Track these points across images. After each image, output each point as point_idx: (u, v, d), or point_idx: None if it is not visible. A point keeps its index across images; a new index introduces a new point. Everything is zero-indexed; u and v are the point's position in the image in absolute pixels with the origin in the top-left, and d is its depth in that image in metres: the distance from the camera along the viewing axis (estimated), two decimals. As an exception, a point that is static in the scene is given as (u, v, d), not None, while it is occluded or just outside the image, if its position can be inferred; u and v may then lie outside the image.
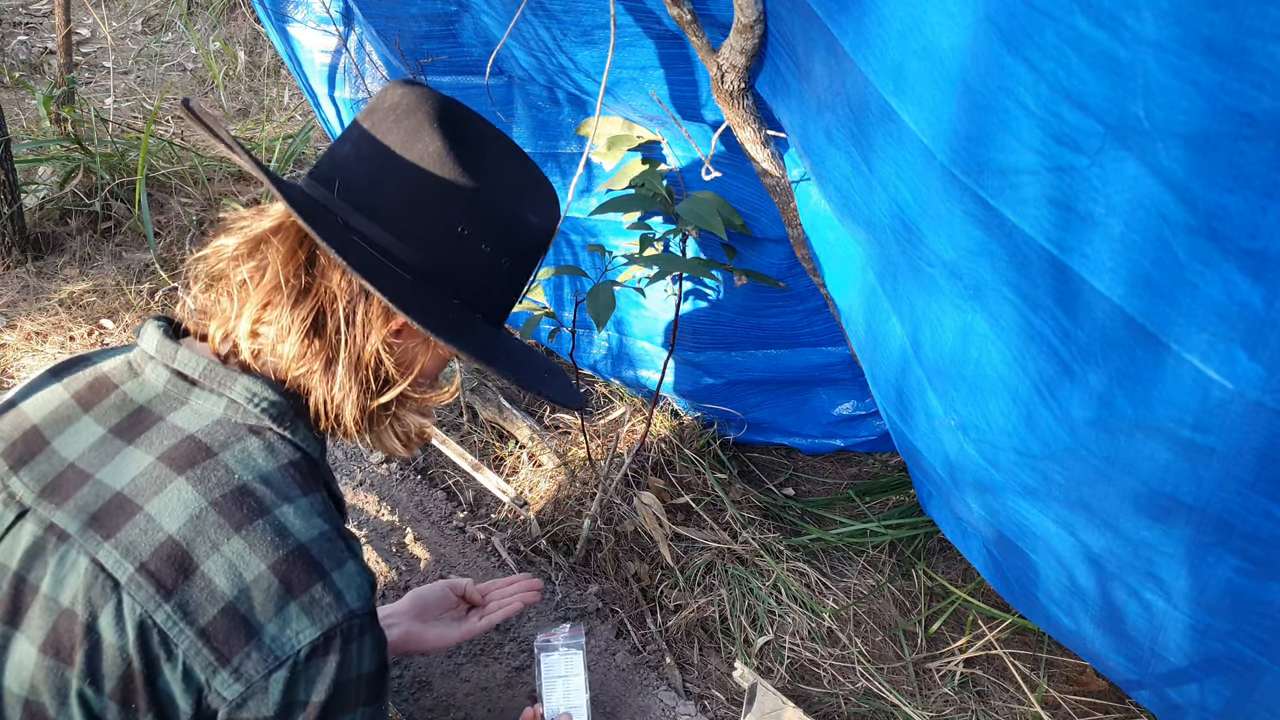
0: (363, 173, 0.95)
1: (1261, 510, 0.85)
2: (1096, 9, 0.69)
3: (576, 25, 1.47)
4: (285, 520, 0.86)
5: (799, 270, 1.72)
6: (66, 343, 2.33)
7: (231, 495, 0.86)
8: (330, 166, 0.97)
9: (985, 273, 0.97)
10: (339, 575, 0.87)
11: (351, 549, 0.91)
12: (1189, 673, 1.14)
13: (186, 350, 0.93)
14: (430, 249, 0.94)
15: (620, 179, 1.74)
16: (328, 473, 0.99)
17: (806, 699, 1.66)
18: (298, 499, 0.88)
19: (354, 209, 0.93)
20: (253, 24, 3.97)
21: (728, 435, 2.14)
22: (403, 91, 0.98)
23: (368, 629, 0.88)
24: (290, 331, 0.92)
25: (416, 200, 0.94)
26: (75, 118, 2.90)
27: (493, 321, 1.04)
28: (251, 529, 0.84)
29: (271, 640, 0.82)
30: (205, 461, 0.87)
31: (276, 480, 0.89)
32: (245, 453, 0.89)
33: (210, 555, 0.83)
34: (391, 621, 1.33)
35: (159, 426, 0.90)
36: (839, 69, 1.06)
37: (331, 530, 0.89)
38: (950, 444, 1.27)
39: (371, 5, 1.80)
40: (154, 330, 0.96)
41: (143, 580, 0.81)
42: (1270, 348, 0.73)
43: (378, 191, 0.94)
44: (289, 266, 0.93)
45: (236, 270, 0.94)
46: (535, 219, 1.02)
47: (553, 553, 1.86)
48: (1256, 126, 0.64)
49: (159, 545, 0.82)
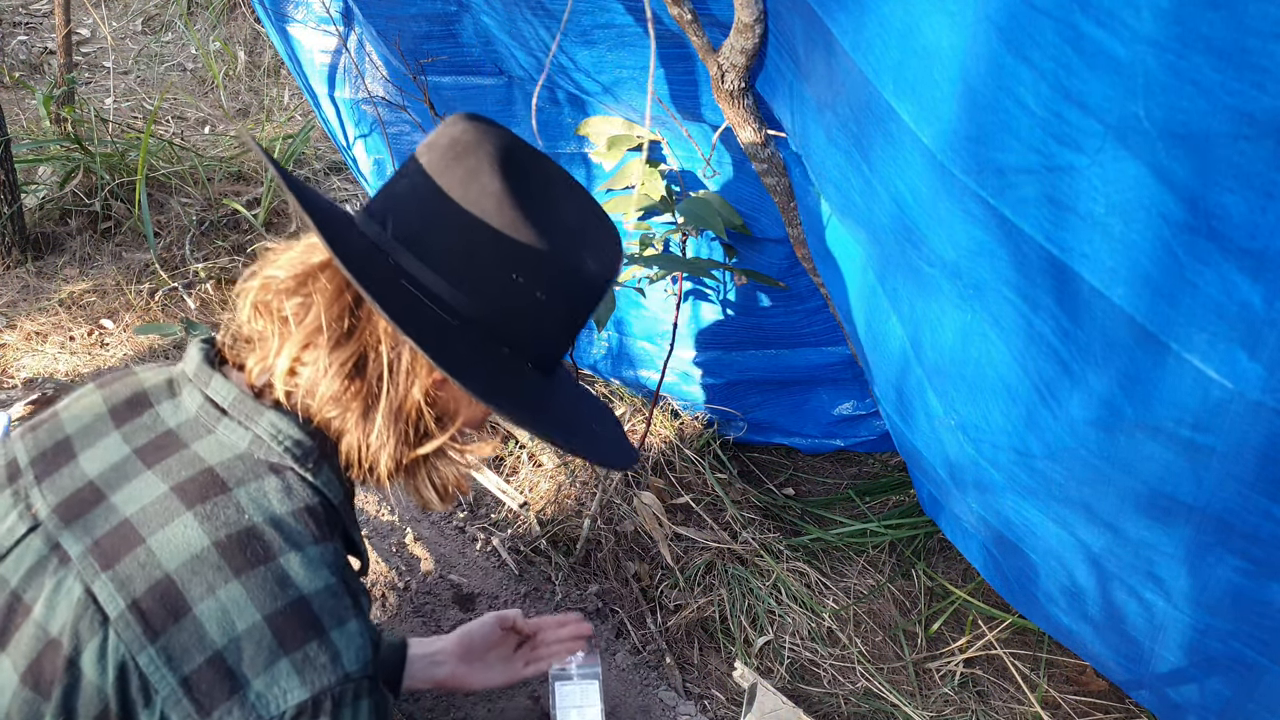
0: (417, 212, 0.91)
1: (1261, 510, 0.85)
2: (1096, 8, 0.69)
3: (576, 25, 1.47)
4: (289, 569, 0.82)
5: (799, 270, 1.72)
6: (66, 342, 2.33)
7: (237, 536, 0.82)
8: (385, 202, 0.93)
9: (985, 273, 0.97)
10: (338, 634, 0.82)
11: (358, 606, 0.86)
12: (1189, 673, 1.14)
13: (221, 378, 0.90)
14: (482, 295, 0.90)
15: (620, 179, 1.74)
16: (350, 519, 0.95)
17: (806, 699, 1.65)
18: (307, 546, 0.84)
19: (406, 249, 0.89)
20: (253, 24, 3.97)
21: (728, 435, 2.14)
22: (464, 127, 0.93)
23: (364, 694, 0.83)
24: (328, 374, 0.88)
25: (471, 244, 0.89)
26: (75, 118, 2.90)
27: (544, 368, 0.98)
28: (252, 575, 0.80)
29: (256, 697, 0.78)
30: (217, 497, 0.84)
31: (288, 525, 0.84)
32: (260, 492, 0.85)
33: (205, 599, 0.79)
34: (438, 660, 1.31)
35: (181, 454, 0.87)
36: (839, 69, 1.06)
37: (338, 584, 0.85)
38: (950, 444, 1.27)
39: (371, 5, 1.80)
40: (196, 352, 0.93)
41: (132, 619, 0.78)
42: (1270, 347, 0.73)
43: (431, 233, 0.90)
44: (334, 308, 0.89)
45: (283, 304, 0.90)
46: (594, 265, 0.96)
47: (553, 553, 1.86)
48: (1256, 126, 0.64)
49: (154, 583, 0.79)
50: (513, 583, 1.81)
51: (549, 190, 0.95)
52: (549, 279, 0.92)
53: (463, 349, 0.88)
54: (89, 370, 2.24)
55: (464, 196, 0.89)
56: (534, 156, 0.95)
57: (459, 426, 0.96)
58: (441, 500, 0.98)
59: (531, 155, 0.95)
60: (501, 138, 0.93)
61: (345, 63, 2.09)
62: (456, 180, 0.90)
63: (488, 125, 0.94)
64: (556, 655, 1.38)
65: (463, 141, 0.92)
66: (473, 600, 1.78)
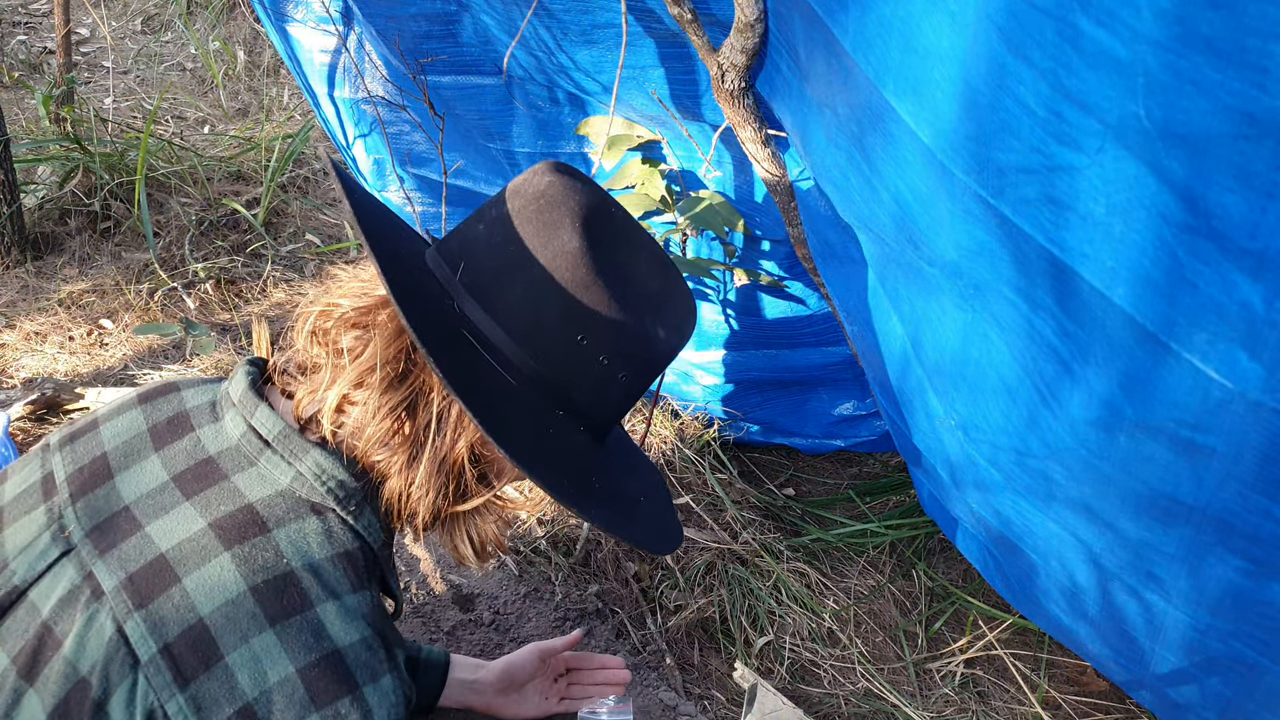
0: (489, 261, 0.89)
1: (1261, 510, 0.85)
2: (1097, 8, 0.69)
3: (577, 25, 1.47)
4: (325, 619, 0.80)
5: (799, 270, 1.72)
6: (66, 342, 2.33)
7: (274, 582, 0.80)
8: (460, 244, 0.91)
9: (985, 272, 0.97)
10: (371, 690, 0.81)
11: (392, 659, 0.85)
12: (1189, 673, 1.14)
13: (267, 408, 0.88)
14: (545, 355, 0.88)
15: (620, 179, 1.74)
16: (387, 565, 0.93)
17: (807, 699, 1.65)
18: (345, 595, 0.82)
19: (472, 297, 0.88)
20: (252, 24, 3.97)
21: (728, 435, 2.14)
22: (553, 179, 0.90)
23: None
24: (377, 416, 0.86)
25: (539, 301, 0.87)
26: (75, 117, 2.90)
27: (599, 432, 0.96)
28: (287, 625, 0.79)
29: None
30: (256, 538, 0.81)
31: (326, 571, 0.82)
32: (300, 534, 0.83)
33: (238, 647, 0.77)
34: (478, 689, 1.31)
35: (221, 486, 0.85)
36: (839, 68, 1.06)
37: (374, 636, 0.83)
38: (951, 444, 1.27)
39: (371, 5, 1.80)
40: (243, 377, 0.91)
41: (163, 664, 0.76)
42: (1270, 348, 0.73)
43: (501, 284, 0.87)
44: (391, 348, 0.87)
45: (340, 336, 0.89)
46: (664, 334, 0.93)
47: (553, 553, 1.86)
48: (1256, 126, 0.64)
49: (188, 627, 0.77)
50: (513, 583, 1.81)
51: (630, 253, 0.92)
52: (615, 344, 0.90)
53: (512, 410, 0.86)
54: (88, 370, 2.24)
55: (540, 251, 0.87)
56: (622, 219, 0.92)
57: (503, 486, 0.94)
58: (478, 558, 0.95)
59: (618, 216, 0.92)
60: (591, 195, 0.90)
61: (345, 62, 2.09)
62: (535, 232, 0.87)
63: (578, 181, 0.91)
64: (591, 696, 1.37)
65: (549, 195, 0.89)
66: (473, 600, 1.78)
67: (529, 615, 1.75)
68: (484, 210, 0.92)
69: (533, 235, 0.87)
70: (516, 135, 1.89)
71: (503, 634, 1.72)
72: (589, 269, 0.87)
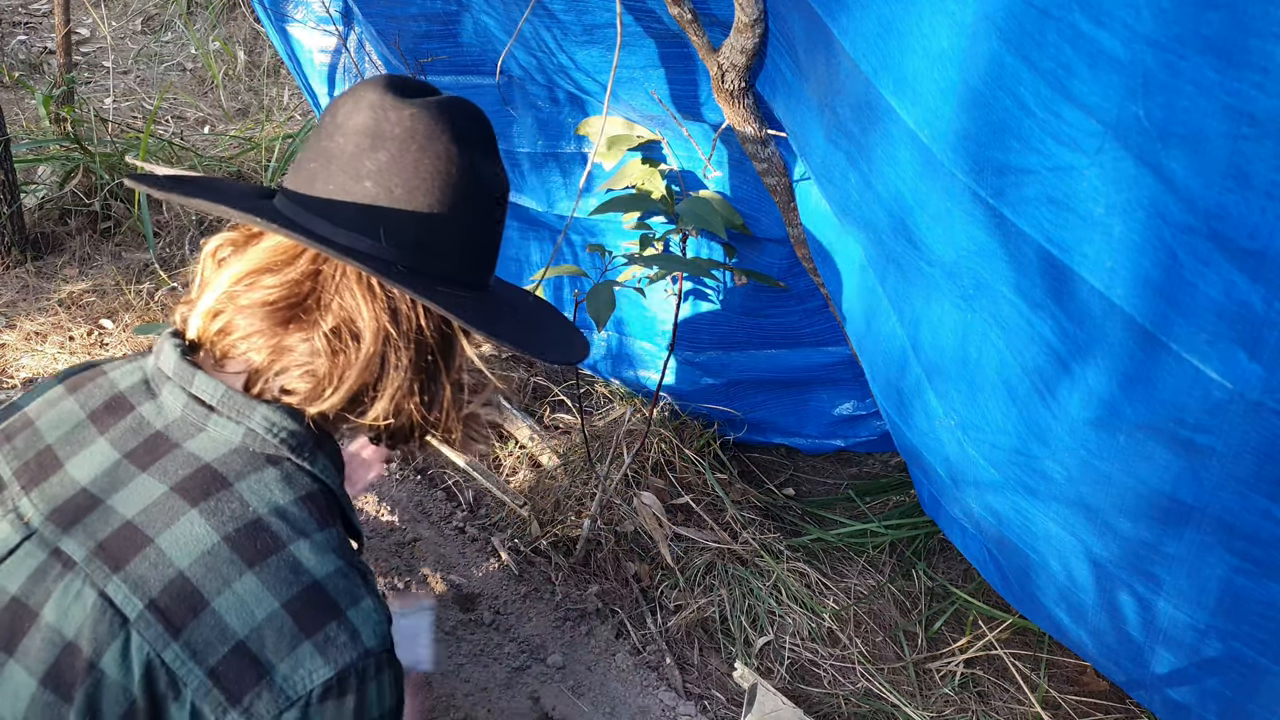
0: (321, 175, 0.93)
1: (1261, 510, 0.85)
2: (1096, 8, 0.69)
3: (577, 24, 1.47)
4: (300, 556, 0.84)
5: (799, 270, 1.72)
6: (66, 342, 2.33)
7: (245, 529, 0.84)
8: (293, 174, 0.96)
9: (985, 272, 0.97)
10: (354, 613, 0.85)
11: (368, 583, 0.89)
12: (1189, 673, 1.14)
13: (204, 375, 0.90)
14: (390, 232, 0.93)
15: (620, 179, 1.74)
16: (346, 503, 0.97)
17: (806, 699, 1.65)
18: (314, 533, 0.86)
19: (312, 213, 0.92)
20: (252, 24, 3.97)
21: (728, 435, 2.14)
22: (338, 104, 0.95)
23: (385, 666, 0.86)
24: (308, 348, 0.89)
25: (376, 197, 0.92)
26: (75, 117, 2.90)
27: (472, 285, 1.00)
28: (265, 565, 0.82)
29: (283, 680, 0.80)
30: (219, 493, 0.85)
31: (293, 513, 0.86)
32: (261, 483, 0.87)
33: (221, 592, 0.81)
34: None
35: (174, 454, 0.88)
36: (839, 69, 1.06)
37: (347, 566, 0.87)
38: (950, 444, 1.27)
39: (371, 5, 1.80)
40: (171, 350, 0.93)
41: (152, 618, 0.79)
42: (1269, 348, 0.73)
43: (340, 202, 0.92)
44: (297, 285, 0.91)
45: (250, 294, 0.91)
46: (486, 169, 0.98)
47: (553, 553, 1.86)
48: (1256, 126, 0.64)
49: (169, 581, 0.80)
50: (513, 583, 1.81)
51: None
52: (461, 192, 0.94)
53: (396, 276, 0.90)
54: (89, 370, 2.24)
55: (358, 129, 0.91)
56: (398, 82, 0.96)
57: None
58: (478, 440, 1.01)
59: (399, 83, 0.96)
60: (370, 83, 0.94)
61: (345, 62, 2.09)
62: (350, 135, 0.92)
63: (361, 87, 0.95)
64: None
65: (345, 104, 0.94)
66: (473, 600, 1.78)
67: (529, 615, 1.75)
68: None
69: (354, 126, 0.92)
70: (516, 135, 1.89)
71: (503, 634, 1.72)
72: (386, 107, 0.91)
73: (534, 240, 2.11)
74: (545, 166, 1.91)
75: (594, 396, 2.25)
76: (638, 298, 1.95)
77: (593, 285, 1.59)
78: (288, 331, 0.90)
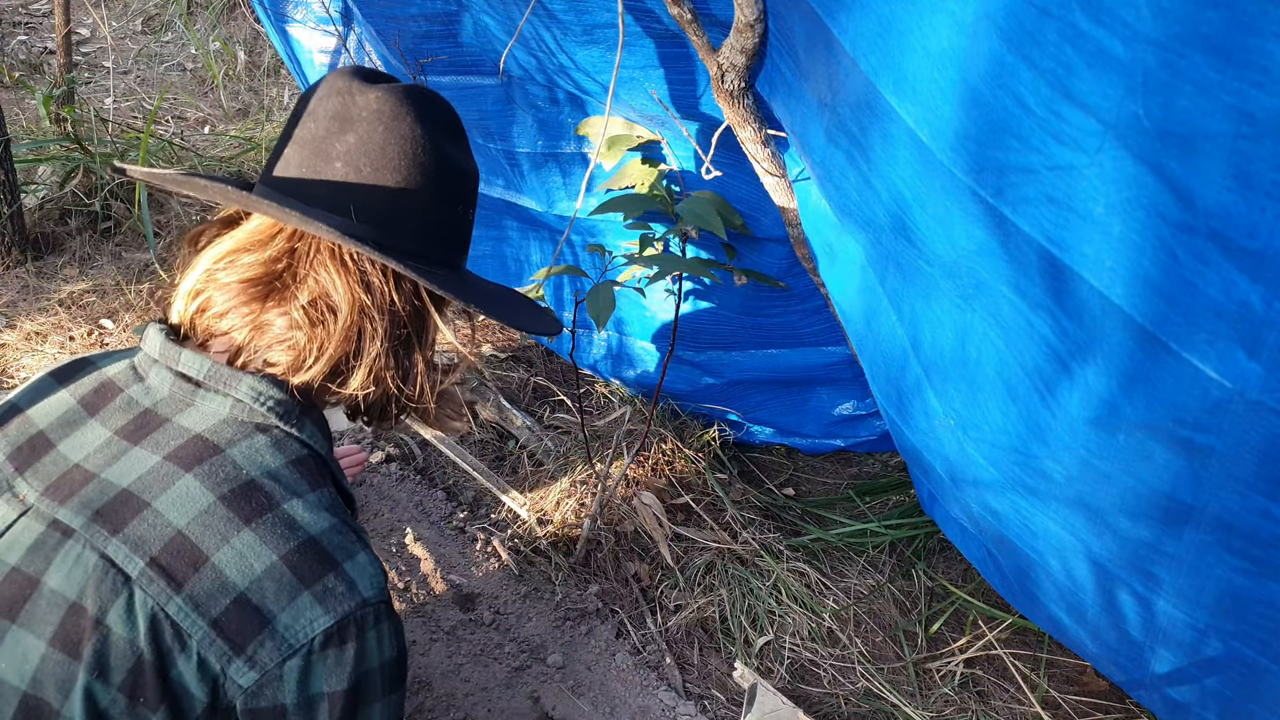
0: (294, 161, 0.97)
1: (1261, 510, 0.85)
2: (1096, 7, 0.69)
3: (577, 24, 1.47)
4: (294, 513, 0.87)
5: (799, 270, 1.72)
6: (66, 342, 2.33)
7: (240, 490, 0.86)
8: (271, 163, 0.99)
9: (984, 272, 0.97)
10: (351, 565, 0.87)
11: (362, 540, 0.91)
12: (1189, 673, 1.14)
13: (190, 352, 0.93)
14: (366, 208, 0.96)
15: (620, 179, 1.74)
16: (337, 469, 1.00)
17: (806, 699, 1.65)
18: (306, 494, 0.89)
19: (290, 197, 0.96)
20: (253, 24, 3.97)
21: (728, 435, 2.14)
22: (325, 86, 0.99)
23: (384, 616, 0.88)
24: (288, 320, 0.93)
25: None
26: (75, 118, 2.90)
27: (447, 264, 1.04)
28: (261, 522, 0.85)
29: (285, 629, 0.83)
30: (213, 458, 0.87)
31: (284, 475, 0.89)
32: (253, 449, 0.89)
33: (220, 548, 0.83)
34: None
35: (165, 428, 0.90)
36: (839, 68, 1.06)
37: (341, 523, 0.89)
38: (950, 443, 1.27)
39: (370, 5, 1.80)
40: (156, 334, 0.96)
41: (154, 574, 0.81)
42: (1269, 347, 0.73)
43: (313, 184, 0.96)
44: (272, 262, 0.94)
45: (229, 272, 0.95)
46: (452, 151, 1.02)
47: (553, 553, 1.86)
48: (1256, 126, 0.64)
49: (169, 540, 0.83)
50: (513, 583, 1.81)
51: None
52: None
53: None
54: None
55: (331, 119, 0.95)
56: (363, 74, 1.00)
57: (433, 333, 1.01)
58: (449, 416, 1.05)
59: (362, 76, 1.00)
60: (336, 74, 0.99)
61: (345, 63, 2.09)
62: (320, 120, 0.96)
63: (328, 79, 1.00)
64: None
65: (316, 93, 0.99)
66: (473, 600, 1.78)
67: (529, 615, 1.75)
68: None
69: (320, 122, 0.97)
70: (516, 135, 1.89)
71: (503, 634, 1.72)
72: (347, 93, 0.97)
73: (534, 240, 2.11)
74: (545, 167, 1.91)
75: (594, 396, 2.25)
76: (638, 298, 1.95)
77: (593, 285, 1.59)
78: (265, 307, 0.94)
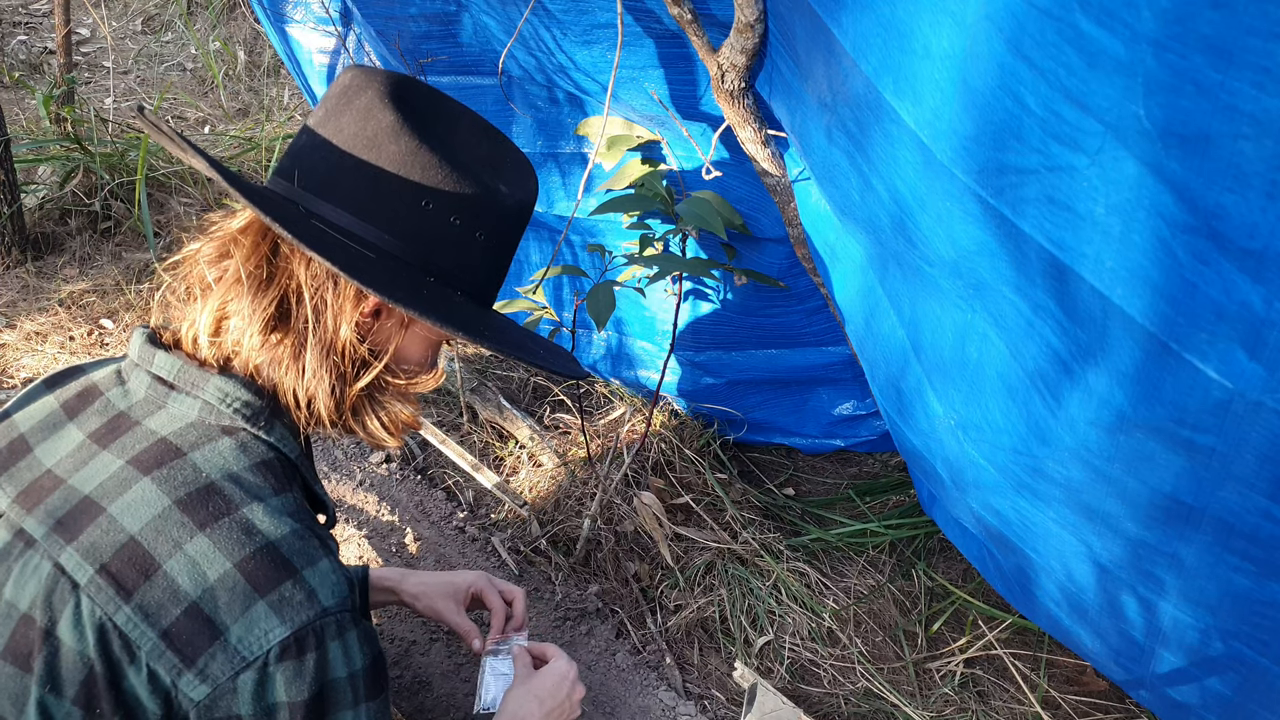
0: (320, 158, 0.93)
1: (1261, 510, 0.85)
2: (1097, 7, 0.69)
3: (577, 24, 1.47)
4: (253, 518, 0.84)
5: (799, 270, 1.72)
6: (66, 342, 2.33)
7: (197, 494, 0.84)
8: (289, 159, 0.95)
9: (985, 272, 0.97)
10: (311, 573, 0.84)
11: (326, 547, 0.88)
12: (1189, 673, 1.14)
13: (164, 354, 0.92)
14: (396, 227, 0.92)
15: (620, 179, 1.74)
16: (309, 473, 0.97)
17: (806, 699, 1.65)
18: (269, 498, 0.86)
19: (316, 196, 0.92)
20: (253, 24, 3.97)
21: (728, 435, 2.14)
22: (352, 75, 0.96)
23: (348, 626, 0.85)
24: (252, 321, 0.90)
25: (375, 178, 0.91)
26: (75, 118, 2.90)
27: (478, 300, 1.00)
28: (216, 527, 0.82)
29: (238, 641, 0.80)
30: (173, 462, 0.85)
31: (246, 479, 0.87)
32: (215, 452, 0.87)
33: (173, 555, 0.81)
34: (392, 578, 1.37)
35: (134, 431, 0.89)
36: (839, 68, 1.06)
37: (303, 528, 0.86)
38: (950, 444, 1.27)
39: (370, 5, 1.80)
40: (139, 337, 0.95)
41: (103, 582, 0.79)
42: (1270, 348, 0.73)
43: (336, 173, 0.92)
44: (251, 260, 0.91)
45: (205, 272, 0.94)
46: (506, 190, 0.98)
47: (553, 553, 1.86)
48: (1256, 126, 0.64)
49: (120, 546, 0.81)
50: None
51: (448, 120, 0.97)
52: (460, 204, 0.94)
53: (383, 274, 0.90)
54: (89, 370, 2.24)
55: (361, 133, 0.91)
56: (426, 91, 0.97)
57: (392, 358, 0.97)
58: (391, 436, 0.99)
59: (424, 90, 0.97)
60: (390, 76, 0.95)
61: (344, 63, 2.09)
62: (352, 120, 0.92)
63: (374, 70, 0.96)
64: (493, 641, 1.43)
65: (352, 86, 0.94)
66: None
67: (529, 615, 1.75)
68: (301, 128, 0.97)
69: (351, 123, 0.92)
70: (516, 135, 1.89)
71: (503, 634, 1.71)
72: (412, 137, 0.91)
73: (534, 240, 2.11)
74: (545, 167, 1.91)
75: (594, 396, 2.25)
76: (638, 298, 1.95)
77: (593, 285, 1.59)
78: (229, 295, 0.92)
